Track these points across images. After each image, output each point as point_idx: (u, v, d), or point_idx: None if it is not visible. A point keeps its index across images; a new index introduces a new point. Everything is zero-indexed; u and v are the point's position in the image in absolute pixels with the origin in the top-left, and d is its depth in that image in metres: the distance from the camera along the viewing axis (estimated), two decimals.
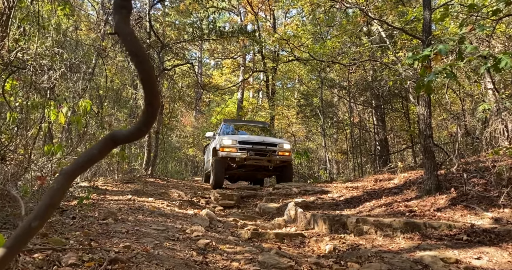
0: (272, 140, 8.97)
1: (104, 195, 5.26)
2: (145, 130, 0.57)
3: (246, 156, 8.30)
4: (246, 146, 8.43)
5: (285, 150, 8.69)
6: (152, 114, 0.55)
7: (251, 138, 9.19)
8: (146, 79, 0.53)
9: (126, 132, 0.56)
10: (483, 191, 5.00)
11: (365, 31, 12.28)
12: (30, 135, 3.33)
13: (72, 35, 7.57)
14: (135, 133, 0.56)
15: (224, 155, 8.31)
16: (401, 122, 13.68)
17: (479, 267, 3.13)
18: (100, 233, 3.11)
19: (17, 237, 0.50)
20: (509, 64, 2.76)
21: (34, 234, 0.53)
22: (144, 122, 0.56)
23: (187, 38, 10.49)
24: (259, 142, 8.65)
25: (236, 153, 8.34)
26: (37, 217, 0.51)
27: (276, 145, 8.68)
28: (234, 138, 8.75)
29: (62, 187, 0.54)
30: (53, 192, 0.53)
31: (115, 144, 0.57)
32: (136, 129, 0.56)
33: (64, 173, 0.54)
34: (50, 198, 0.52)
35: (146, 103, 0.55)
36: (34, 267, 1.92)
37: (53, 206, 0.53)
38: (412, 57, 3.57)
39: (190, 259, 2.91)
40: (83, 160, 0.55)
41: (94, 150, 0.55)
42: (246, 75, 19.69)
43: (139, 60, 0.51)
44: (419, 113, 5.95)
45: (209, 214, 5.02)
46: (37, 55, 4.02)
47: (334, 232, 4.52)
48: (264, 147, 8.47)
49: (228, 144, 8.46)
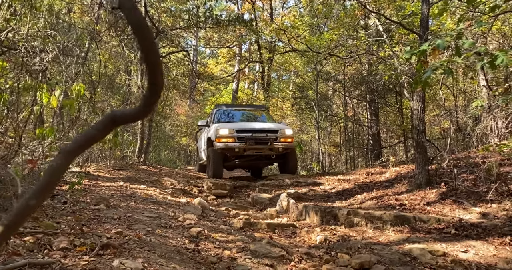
0: (272, 126, 8.28)
1: (96, 181, 5.22)
2: (147, 111, 0.55)
3: (245, 146, 7.66)
4: (244, 135, 7.74)
5: (287, 136, 8.03)
6: (155, 93, 0.54)
7: (250, 125, 8.34)
8: (150, 56, 0.51)
9: (128, 112, 0.54)
10: (472, 186, 5.08)
11: (362, 24, 12.23)
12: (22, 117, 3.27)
13: (65, 17, 7.39)
14: (137, 114, 0.54)
15: (222, 146, 7.68)
16: (394, 117, 13.77)
17: (465, 260, 3.20)
18: (91, 219, 3.09)
19: (14, 215, 0.48)
20: (505, 61, 2.77)
21: (32, 213, 0.51)
22: (146, 102, 0.54)
23: (182, 25, 10.33)
24: (258, 129, 7.97)
25: (234, 143, 7.68)
26: (35, 196, 0.49)
27: (277, 131, 7.99)
28: (230, 126, 8.00)
29: (61, 165, 0.52)
30: (52, 170, 0.51)
31: (116, 124, 0.55)
32: (138, 109, 0.54)
33: (64, 152, 0.53)
34: (49, 177, 0.50)
35: (150, 82, 0.53)
36: (25, 249, 1.91)
37: (51, 185, 0.51)
38: (410, 52, 3.57)
39: (182, 246, 2.92)
40: (83, 139, 0.53)
41: (94, 130, 0.54)
42: (242, 65, 19.55)
43: (143, 36, 0.49)
44: (413, 108, 5.99)
45: (202, 203, 5.03)
46: (28, 36, 3.92)
47: (325, 223, 4.57)
48: (264, 135, 7.82)
49: (224, 133, 7.79)
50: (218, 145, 7.70)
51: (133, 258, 2.16)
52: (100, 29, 8.21)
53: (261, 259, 2.99)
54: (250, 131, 7.85)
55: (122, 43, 8.31)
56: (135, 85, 9.09)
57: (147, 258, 2.26)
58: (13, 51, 3.91)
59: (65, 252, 2.02)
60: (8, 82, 3.56)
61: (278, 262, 3.00)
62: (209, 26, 10.18)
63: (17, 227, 0.52)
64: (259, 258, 3.00)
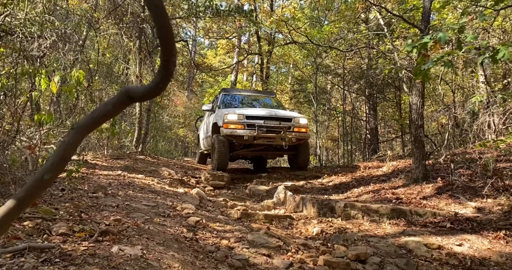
0: (286, 113, 7.53)
1: (93, 170, 5.21)
2: (162, 87, 0.54)
3: (256, 134, 6.88)
4: (255, 122, 6.98)
5: (301, 126, 7.31)
6: (169, 70, 0.53)
7: (261, 111, 7.53)
8: (164, 33, 0.50)
9: (143, 89, 0.54)
10: (469, 181, 5.13)
11: (363, 18, 12.15)
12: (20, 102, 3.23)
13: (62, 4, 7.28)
14: (152, 90, 0.54)
15: (229, 133, 6.95)
16: (393, 112, 13.80)
17: (460, 253, 3.24)
18: (90, 206, 3.09)
19: (29, 189, 0.48)
20: (506, 56, 2.77)
21: (46, 187, 0.51)
22: (161, 79, 0.53)
23: (182, 15, 10.22)
24: (271, 116, 7.22)
25: (244, 130, 6.93)
26: (49, 170, 0.49)
27: (291, 120, 7.27)
28: (240, 111, 7.26)
29: (75, 140, 0.51)
30: (65, 145, 0.50)
31: (131, 101, 0.54)
32: (154, 85, 0.53)
33: (78, 127, 0.52)
34: (62, 152, 0.50)
35: (164, 59, 0.52)
36: (24, 234, 1.91)
37: (65, 159, 0.51)
38: (411, 45, 3.55)
39: (181, 235, 2.93)
40: (97, 115, 0.52)
41: (108, 105, 0.53)
42: (241, 57, 19.42)
43: (158, 13, 0.48)
44: (412, 103, 6.00)
45: (200, 193, 5.04)
46: (26, 21, 3.86)
47: (322, 215, 4.60)
48: (277, 123, 7.08)
49: (233, 119, 7.03)
50: (225, 131, 6.99)
51: (132, 245, 2.17)
52: (99, 16, 8.09)
53: (259, 249, 3.01)
54: (261, 118, 7.12)
55: (121, 32, 8.21)
56: (133, 75, 9.01)
57: (145, 245, 2.27)
58: (11, 36, 3.85)
59: (64, 237, 2.02)
60: (5, 67, 3.52)
61: (275, 252, 3.03)
62: (208, 16, 10.07)
63: (31, 201, 0.51)
64: (256, 248, 3.02)
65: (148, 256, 2.06)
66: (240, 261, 2.67)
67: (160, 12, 0.49)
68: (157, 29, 0.50)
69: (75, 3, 8.21)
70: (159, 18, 0.49)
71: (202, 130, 9.49)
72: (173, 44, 0.51)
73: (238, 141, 7.08)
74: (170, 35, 0.50)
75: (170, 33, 0.50)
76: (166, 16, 0.49)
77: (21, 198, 0.48)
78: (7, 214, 0.48)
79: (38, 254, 1.70)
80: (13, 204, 0.48)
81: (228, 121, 7.03)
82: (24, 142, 3.51)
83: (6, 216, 0.48)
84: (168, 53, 0.51)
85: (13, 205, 0.48)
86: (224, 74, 22.57)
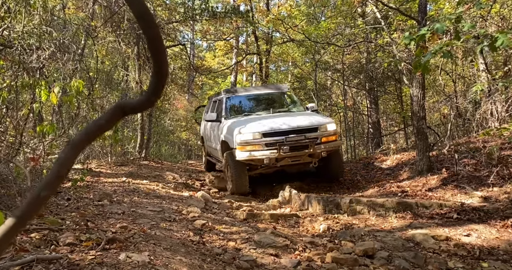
0: (310, 121, 6.06)
1: (98, 177, 5.24)
2: (154, 100, 0.55)
3: (277, 155, 5.63)
4: (275, 139, 5.68)
5: (330, 133, 5.97)
6: (160, 82, 0.53)
7: (279, 122, 6.02)
8: (154, 45, 0.51)
9: (135, 102, 0.54)
10: (474, 171, 5.11)
11: (359, 12, 12.11)
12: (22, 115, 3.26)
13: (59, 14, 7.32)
14: (144, 103, 0.54)
15: (245, 158, 5.73)
16: (394, 105, 13.76)
17: (468, 243, 3.23)
18: (96, 214, 3.11)
19: (27, 206, 0.49)
20: (505, 43, 2.75)
21: (43, 204, 0.51)
22: (153, 91, 0.54)
23: (178, 18, 10.24)
24: (293, 128, 5.80)
25: (263, 151, 5.66)
26: (46, 187, 0.50)
27: (317, 129, 5.88)
28: (255, 128, 5.84)
29: (70, 157, 0.52)
30: (61, 162, 0.51)
31: (124, 114, 0.55)
32: (145, 98, 0.54)
33: (72, 143, 0.53)
34: (58, 168, 0.51)
35: (155, 70, 0.53)
36: (32, 246, 1.92)
37: (61, 176, 0.51)
38: (409, 37, 3.54)
39: (187, 239, 2.94)
40: (90, 130, 0.53)
41: (101, 120, 0.53)
42: (240, 58, 19.42)
43: (147, 25, 0.49)
44: (413, 95, 5.97)
45: (205, 196, 5.05)
46: (24, 34, 3.88)
47: (328, 212, 4.61)
48: (302, 136, 5.73)
49: (248, 138, 5.72)
50: (240, 156, 5.74)
51: (139, 252, 2.18)
52: (96, 24, 8.13)
53: (266, 249, 3.02)
54: (282, 132, 5.75)
55: (119, 39, 8.24)
56: (133, 81, 9.05)
57: (153, 251, 2.29)
58: (9, 49, 3.88)
59: (72, 247, 2.04)
60: (5, 80, 3.55)
61: (282, 251, 3.03)
62: (205, 18, 10.08)
63: (30, 218, 0.52)
64: (263, 248, 3.02)
65: (156, 262, 2.07)
66: (248, 262, 2.68)
67: (150, 24, 0.49)
68: (148, 41, 0.51)
69: (72, 12, 8.25)
70: (148, 30, 0.49)
71: (207, 134, 8.07)
72: (164, 56, 0.52)
73: (257, 163, 5.90)
74: (160, 46, 0.51)
75: (161, 45, 0.51)
76: (156, 28, 0.50)
77: (20, 216, 0.49)
78: (7, 232, 0.49)
79: (46, 265, 1.71)
80: (13, 222, 0.49)
81: (242, 142, 5.73)
82: (28, 154, 3.54)
83: (5, 235, 0.49)
84: (159, 63, 0.51)
85: (12, 223, 0.49)
86: (223, 76, 22.59)
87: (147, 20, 0.49)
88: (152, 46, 0.51)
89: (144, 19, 0.48)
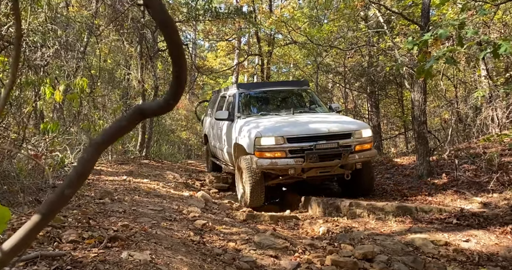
0: (342, 125, 5.19)
1: (99, 175, 5.25)
2: (173, 104, 0.57)
3: (304, 164, 4.77)
4: (302, 145, 4.82)
5: (366, 141, 5.10)
6: (180, 86, 0.55)
7: (306, 125, 5.16)
8: (175, 51, 0.52)
9: (155, 105, 0.56)
10: (473, 176, 5.12)
11: (362, 15, 12.16)
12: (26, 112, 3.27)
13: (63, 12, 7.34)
14: (164, 107, 0.56)
15: (266, 166, 4.82)
16: (395, 109, 13.78)
17: (467, 249, 3.24)
18: (97, 212, 3.12)
19: (51, 204, 0.50)
20: (508, 50, 2.77)
21: (67, 202, 0.53)
22: (172, 95, 0.55)
23: (181, 18, 10.27)
24: (324, 133, 4.91)
25: (287, 159, 4.80)
26: (69, 185, 0.51)
27: (351, 135, 5.00)
28: (279, 131, 4.95)
29: (93, 157, 0.54)
30: (84, 162, 0.53)
31: (144, 117, 0.56)
32: (165, 102, 0.56)
33: (94, 143, 0.54)
34: (81, 167, 0.52)
35: (175, 75, 0.54)
36: (35, 242, 1.94)
37: (84, 175, 0.53)
38: (412, 42, 3.56)
39: (188, 238, 2.95)
40: (112, 131, 0.55)
41: (123, 121, 0.55)
42: (241, 58, 19.46)
43: (169, 31, 0.50)
44: (414, 100, 6.00)
45: (205, 196, 5.07)
46: (29, 31, 3.90)
47: (328, 215, 4.61)
48: (334, 144, 4.86)
49: (270, 143, 4.84)
50: (260, 163, 4.81)
51: (140, 250, 2.19)
52: (99, 23, 8.15)
53: (266, 250, 3.03)
54: (310, 138, 4.87)
55: (122, 37, 8.26)
56: (135, 80, 9.07)
57: (154, 250, 2.30)
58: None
59: (74, 244, 2.05)
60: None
61: (282, 253, 3.05)
62: (208, 19, 10.11)
63: (54, 215, 0.54)
64: (263, 250, 3.04)
65: (157, 261, 2.08)
66: (248, 263, 2.69)
67: (172, 30, 0.51)
68: (169, 47, 0.52)
69: (75, 10, 8.28)
70: (170, 36, 0.51)
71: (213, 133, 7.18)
72: (183, 60, 0.53)
73: (279, 172, 5.02)
74: (181, 52, 0.53)
75: (181, 50, 0.53)
76: (177, 35, 0.51)
77: (45, 213, 0.51)
78: (32, 228, 0.51)
79: (50, 262, 1.73)
80: (39, 219, 0.51)
81: (263, 147, 4.84)
82: (30, 150, 3.55)
83: (32, 230, 0.51)
84: (179, 68, 0.53)
85: (38, 220, 0.51)
86: (225, 76, 22.63)
87: (170, 27, 0.50)
88: (174, 51, 0.52)
89: (167, 26, 0.50)
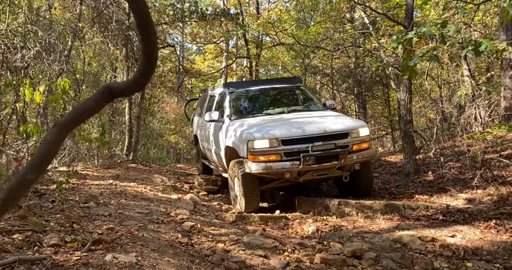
0: (339, 124, 4.91)
1: (84, 180, 5.14)
2: (143, 82, 0.54)
3: (301, 167, 4.51)
4: (298, 147, 4.55)
5: (363, 140, 4.83)
6: (151, 64, 0.52)
7: (301, 125, 4.85)
8: (145, 27, 0.50)
9: (123, 85, 0.53)
10: (458, 173, 5.21)
11: (348, 17, 12.31)
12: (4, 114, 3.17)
13: (45, 14, 7.20)
14: (133, 86, 0.53)
15: (261, 171, 4.52)
16: (382, 109, 13.96)
17: (453, 244, 3.28)
18: (82, 216, 3.04)
19: (11, 189, 0.47)
20: (489, 48, 2.83)
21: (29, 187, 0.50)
22: (142, 73, 0.53)
23: (168, 20, 10.20)
24: (320, 134, 4.62)
25: (282, 162, 4.52)
26: (31, 169, 0.48)
27: (348, 134, 4.73)
28: (273, 132, 4.63)
29: (57, 138, 0.51)
30: (47, 143, 0.50)
31: (112, 96, 0.54)
32: (134, 81, 0.53)
33: (59, 125, 0.51)
34: (44, 150, 0.49)
35: (144, 51, 0.52)
36: (14, 247, 1.87)
37: (48, 158, 0.50)
38: (397, 41, 3.61)
39: (176, 240, 2.90)
40: (78, 112, 0.52)
41: (90, 102, 0.52)
42: (230, 61, 19.44)
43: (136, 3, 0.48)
44: (400, 99, 6.07)
45: (193, 198, 5.01)
46: (8, 33, 3.81)
47: (317, 214, 4.62)
48: (331, 145, 4.59)
49: (264, 146, 4.53)
50: (254, 168, 4.52)
51: (126, 253, 2.14)
52: (83, 25, 8.03)
53: (255, 250, 3.00)
54: (306, 139, 4.59)
55: (107, 40, 8.14)
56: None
57: (140, 252, 2.25)
58: None
59: (56, 248, 1.99)
60: None
61: (271, 252, 3.02)
62: (194, 20, 10.06)
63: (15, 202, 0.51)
64: (252, 250, 3.01)
65: (143, 263, 2.04)
66: (237, 263, 2.66)
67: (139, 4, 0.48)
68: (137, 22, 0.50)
69: (58, 13, 8.13)
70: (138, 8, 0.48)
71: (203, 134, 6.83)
72: (154, 37, 0.51)
73: (274, 176, 4.75)
74: (151, 29, 0.50)
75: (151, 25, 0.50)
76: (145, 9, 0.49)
77: (4, 199, 0.47)
78: None
79: (29, 266, 1.66)
80: None
81: (256, 150, 4.53)
82: (11, 155, 3.45)
83: None
84: (149, 45, 0.50)
85: None
86: (213, 79, 22.57)
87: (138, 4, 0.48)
88: (142, 27, 0.50)
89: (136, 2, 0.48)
